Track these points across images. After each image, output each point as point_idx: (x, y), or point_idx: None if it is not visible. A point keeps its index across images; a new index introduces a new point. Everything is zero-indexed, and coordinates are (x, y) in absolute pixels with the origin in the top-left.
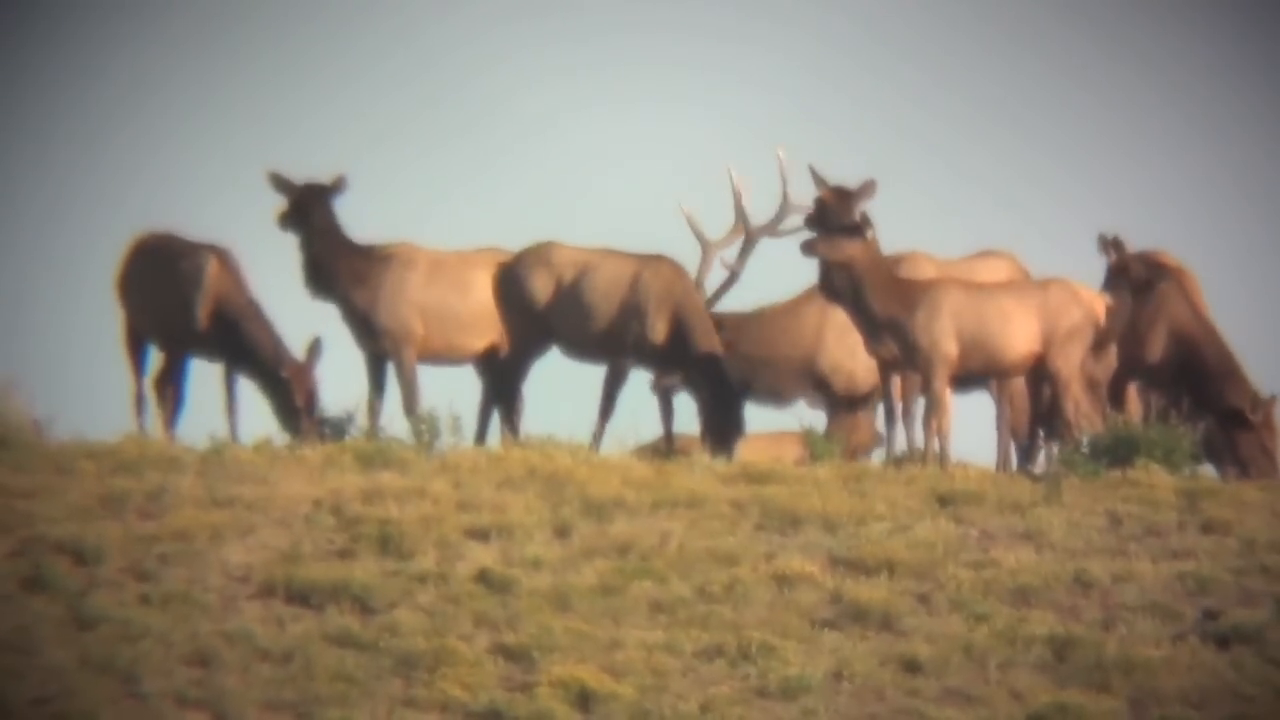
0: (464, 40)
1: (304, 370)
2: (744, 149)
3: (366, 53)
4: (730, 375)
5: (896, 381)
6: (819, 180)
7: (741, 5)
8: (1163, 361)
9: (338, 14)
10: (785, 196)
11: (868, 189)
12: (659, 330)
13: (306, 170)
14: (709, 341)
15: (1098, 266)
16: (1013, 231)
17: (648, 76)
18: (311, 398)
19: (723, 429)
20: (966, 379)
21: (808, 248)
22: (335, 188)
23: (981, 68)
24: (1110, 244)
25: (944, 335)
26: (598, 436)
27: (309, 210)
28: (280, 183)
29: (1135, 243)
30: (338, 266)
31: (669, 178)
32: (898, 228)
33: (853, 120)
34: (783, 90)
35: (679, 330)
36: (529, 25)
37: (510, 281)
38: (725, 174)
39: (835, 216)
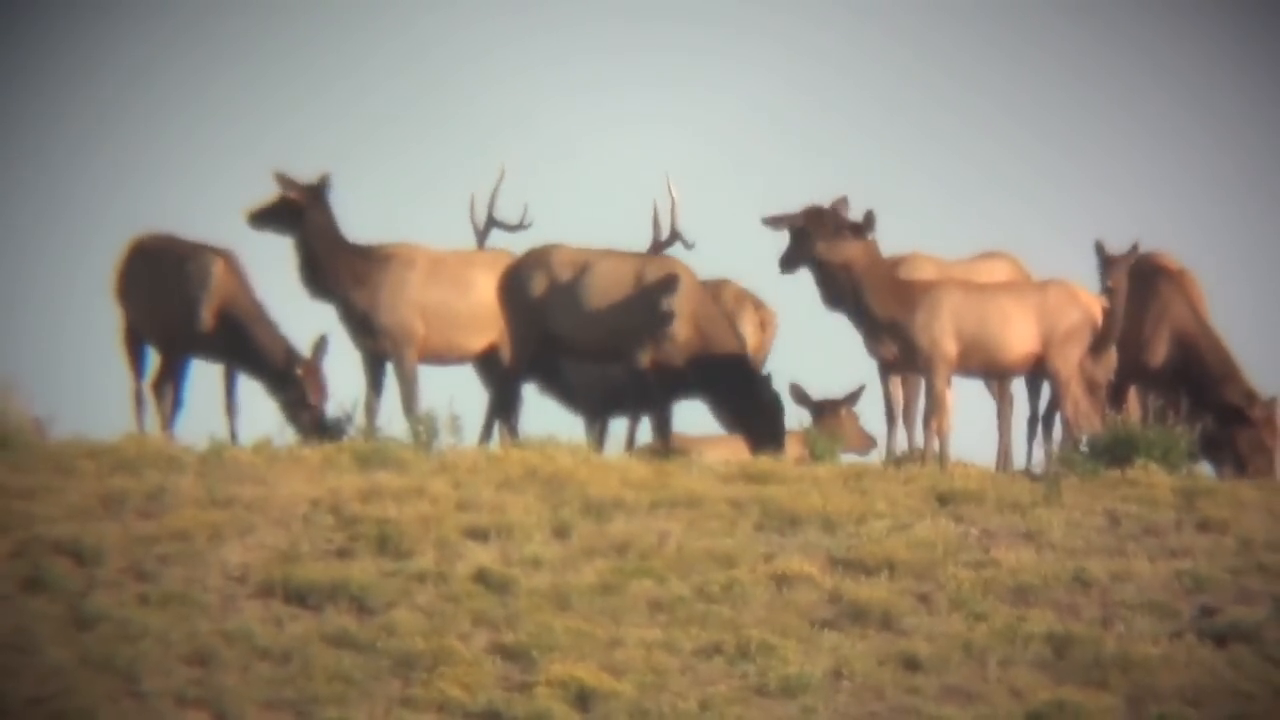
0: (459, 36)
1: (316, 368)
2: (742, 147)
3: (361, 50)
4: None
5: (895, 381)
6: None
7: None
8: (1165, 365)
9: (332, 12)
10: (673, 224)
11: (841, 205)
12: (681, 329)
13: (304, 170)
14: (729, 338)
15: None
16: (1014, 232)
17: (645, 72)
18: (323, 394)
19: (763, 423)
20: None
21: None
22: (323, 186)
23: (985, 68)
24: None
25: (944, 335)
26: (631, 437)
27: (303, 211)
28: (286, 183)
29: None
30: (337, 267)
31: (664, 175)
32: (899, 228)
33: (852, 117)
34: (781, 87)
35: (695, 326)
36: (525, 20)
37: (512, 284)
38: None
39: (830, 219)
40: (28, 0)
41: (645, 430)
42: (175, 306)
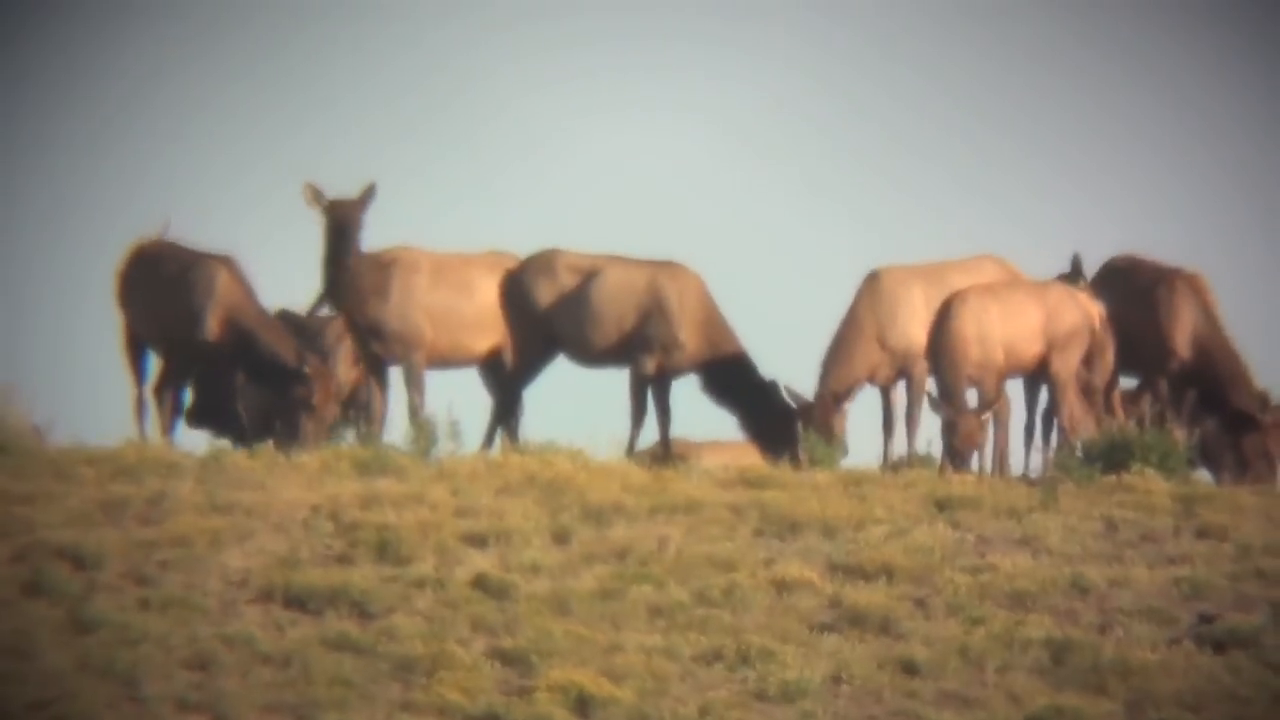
0: (464, 44)
1: (328, 369)
2: (740, 152)
3: (365, 58)
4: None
5: (893, 388)
6: None
7: (737, 11)
8: (1180, 368)
9: (340, 18)
10: None
11: None
12: (688, 334)
13: (305, 177)
14: (735, 345)
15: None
16: (998, 237)
17: (647, 80)
18: (332, 396)
19: (773, 429)
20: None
21: None
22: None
23: (976, 71)
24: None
25: (993, 347)
26: (633, 443)
27: (357, 228)
28: (318, 196)
29: (1136, 247)
30: (359, 278)
31: (667, 183)
32: (887, 230)
33: (855, 124)
34: (780, 94)
35: (704, 334)
36: (530, 30)
37: (515, 289)
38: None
39: None
40: (33, 8)
41: (646, 436)
42: (179, 315)
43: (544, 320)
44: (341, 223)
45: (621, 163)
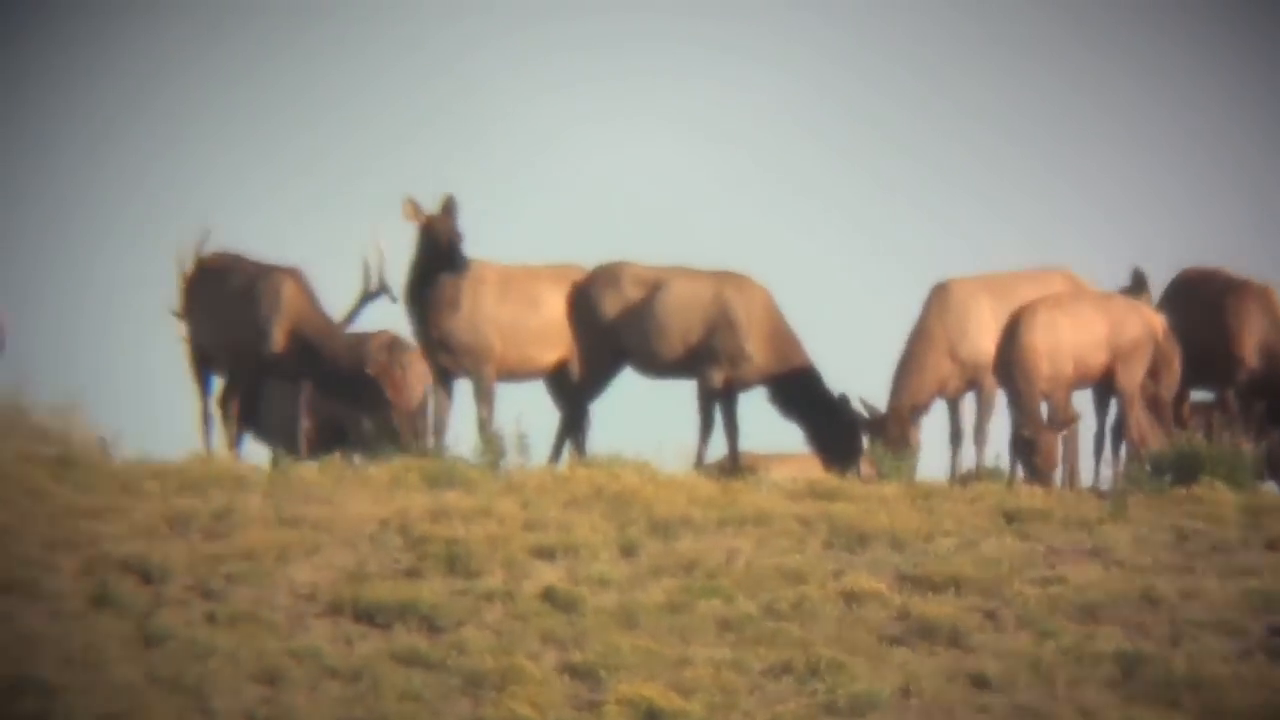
0: (469, 47)
1: (389, 365)
2: (767, 164)
3: (366, 61)
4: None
5: (961, 401)
6: None
7: (768, 20)
8: (1248, 380)
9: (365, 25)
10: (381, 277)
11: None
12: (755, 346)
13: (302, 179)
14: (802, 357)
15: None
16: (1059, 249)
17: (664, 90)
18: (403, 393)
19: (837, 443)
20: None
21: None
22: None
23: (1034, 83)
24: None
25: (1064, 360)
26: (700, 456)
27: (461, 241)
28: (418, 211)
29: (1201, 259)
30: (439, 287)
31: (680, 193)
32: (946, 243)
33: (916, 132)
34: (796, 105)
35: (772, 346)
36: (541, 32)
37: (582, 302)
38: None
39: None
40: (97, 26)
41: (713, 448)
42: (245, 328)
43: (611, 333)
44: (452, 237)
45: (672, 171)
